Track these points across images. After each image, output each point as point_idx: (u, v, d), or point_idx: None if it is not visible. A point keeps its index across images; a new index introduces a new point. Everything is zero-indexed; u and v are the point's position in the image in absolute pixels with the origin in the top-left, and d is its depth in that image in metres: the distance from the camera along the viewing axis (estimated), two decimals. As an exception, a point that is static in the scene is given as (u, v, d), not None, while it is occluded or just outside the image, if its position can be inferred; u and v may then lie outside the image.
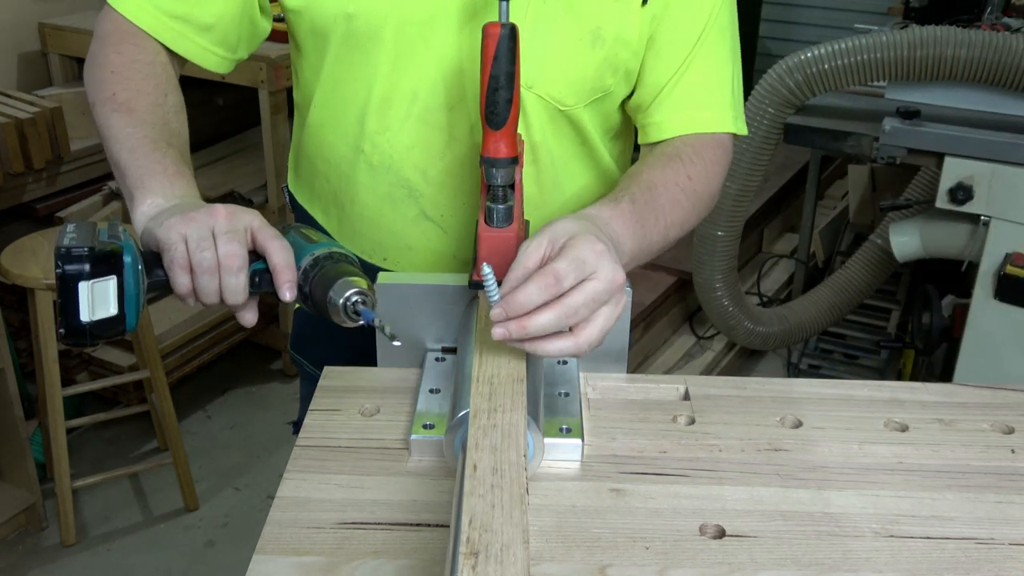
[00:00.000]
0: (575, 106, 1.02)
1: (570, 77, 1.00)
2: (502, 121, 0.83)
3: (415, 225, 1.07)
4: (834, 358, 2.96)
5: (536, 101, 1.00)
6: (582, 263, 0.78)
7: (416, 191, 1.05)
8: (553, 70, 0.99)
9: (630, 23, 0.99)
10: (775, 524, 0.77)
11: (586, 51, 0.99)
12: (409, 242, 1.08)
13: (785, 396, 0.94)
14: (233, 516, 2.35)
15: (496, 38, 0.81)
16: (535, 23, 0.97)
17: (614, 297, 0.80)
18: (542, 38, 0.97)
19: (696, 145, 1.03)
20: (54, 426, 2.10)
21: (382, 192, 1.06)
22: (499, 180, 0.85)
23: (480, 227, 0.87)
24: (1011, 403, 0.94)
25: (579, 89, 1.01)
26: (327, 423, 0.88)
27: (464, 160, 1.03)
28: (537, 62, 0.98)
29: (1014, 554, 0.74)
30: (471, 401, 0.76)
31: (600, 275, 0.79)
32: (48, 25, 2.74)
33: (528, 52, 0.95)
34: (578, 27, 0.98)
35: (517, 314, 0.77)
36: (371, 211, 1.08)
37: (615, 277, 0.79)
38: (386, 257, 1.11)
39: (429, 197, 1.05)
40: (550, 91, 1.00)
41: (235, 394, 2.83)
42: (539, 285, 0.77)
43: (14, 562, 2.18)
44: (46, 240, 2.15)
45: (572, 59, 0.99)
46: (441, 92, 1.00)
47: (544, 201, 1.07)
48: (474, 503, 0.63)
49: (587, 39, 0.98)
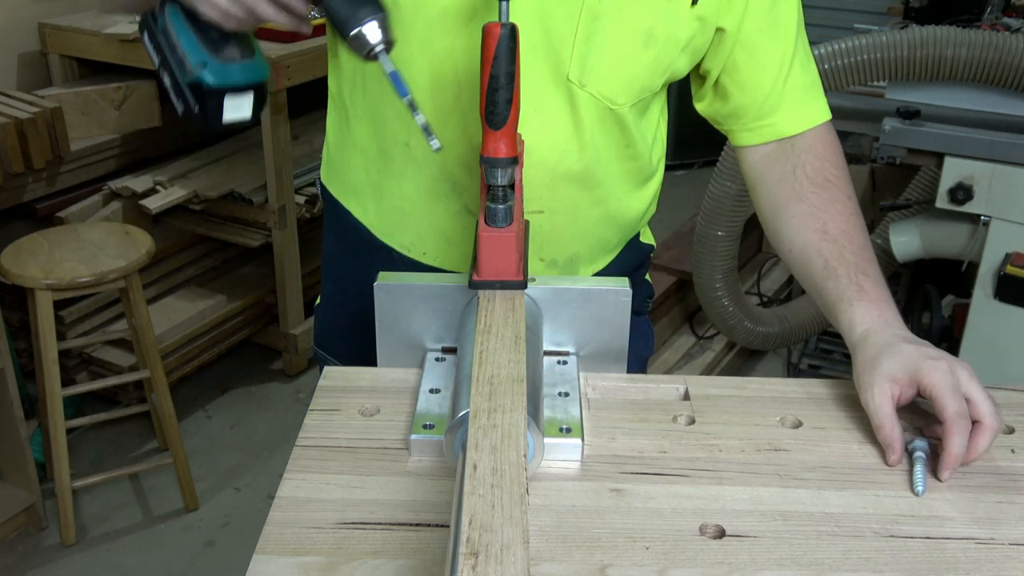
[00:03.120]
0: (623, 106, 1.02)
1: (623, 77, 1.00)
2: (502, 121, 0.83)
3: (457, 220, 1.07)
4: (834, 358, 2.96)
5: (588, 100, 1.00)
6: (951, 384, 0.84)
7: (460, 185, 1.05)
8: (606, 69, 0.99)
9: (680, 23, 0.99)
10: (775, 524, 0.77)
11: (639, 51, 0.99)
12: (451, 236, 1.08)
13: (785, 396, 0.94)
14: (233, 516, 2.35)
15: (496, 38, 0.81)
16: (590, 23, 0.96)
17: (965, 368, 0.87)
18: (597, 37, 0.97)
19: (820, 149, 1.06)
20: (54, 426, 2.10)
21: (425, 186, 1.06)
22: (499, 180, 0.85)
23: (480, 227, 0.87)
24: (1011, 403, 0.94)
25: (629, 89, 1.01)
26: (327, 423, 0.88)
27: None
28: (591, 61, 0.98)
29: (1014, 554, 0.74)
30: (471, 401, 0.75)
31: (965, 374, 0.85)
32: (48, 25, 2.74)
33: (583, 51, 0.97)
34: (632, 27, 0.97)
35: (960, 464, 0.83)
36: (413, 205, 1.08)
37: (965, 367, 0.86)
38: (426, 251, 1.10)
39: (472, 191, 1.05)
40: (602, 90, 1.00)
41: (235, 394, 2.83)
42: (962, 436, 0.82)
43: (14, 562, 2.18)
44: (46, 240, 2.16)
45: (625, 59, 0.99)
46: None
47: (587, 200, 1.07)
48: (474, 503, 0.63)
49: (640, 39, 0.98)
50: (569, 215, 1.08)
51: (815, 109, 1.08)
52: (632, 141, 1.07)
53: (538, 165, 1.02)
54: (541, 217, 1.06)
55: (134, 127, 2.73)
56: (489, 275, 0.87)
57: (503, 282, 0.87)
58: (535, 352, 0.88)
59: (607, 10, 0.96)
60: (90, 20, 2.76)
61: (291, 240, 2.75)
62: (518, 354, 0.81)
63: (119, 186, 2.61)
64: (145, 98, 2.73)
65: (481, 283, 0.87)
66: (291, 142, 2.71)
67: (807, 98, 1.08)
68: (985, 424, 0.83)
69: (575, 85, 0.99)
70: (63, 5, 2.82)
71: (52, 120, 2.39)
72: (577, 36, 0.96)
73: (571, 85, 0.99)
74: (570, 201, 1.06)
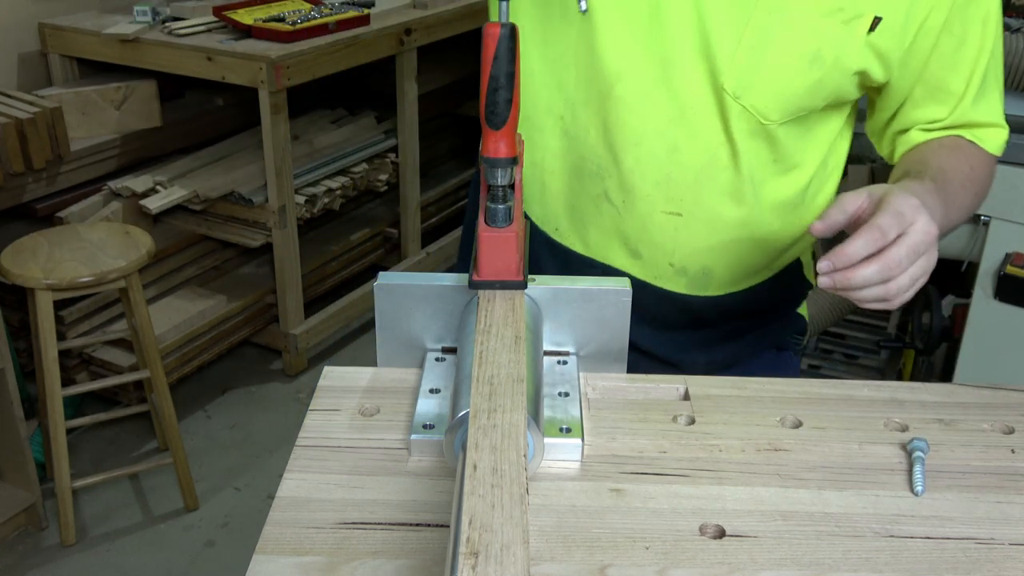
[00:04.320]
0: (776, 122, 1.00)
1: (780, 94, 0.98)
2: (502, 121, 0.83)
3: (594, 203, 1.07)
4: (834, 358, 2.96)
5: (741, 112, 0.99)
6: (901, 216, 0.83)
7: (605, 170, 1.05)
8: (764, 84, 0.97)
9: (851, 49, 0.96)
10: (775, 524, 0.77)
11: (802, 71, 0.97)
12: (585, 218, 1.09)
13: (785, 396, 0.94)
14: (233, 516, 2.35)
15: (496, 38, 0.81)
16: (756, 35, 0.95)
17: (929, 250, 0.84)
18: (760, 51, 0.96)
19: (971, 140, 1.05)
20: (54, 426, 2.10)
21: (571, 161, 1.07)
22: (499, 180, 0.85)
23: (480, 227, 0.87)
24: (1011, 403, 0.94)
25: (785, 107, 0.99)
26: (327, 423, 0.88)
27: (658, 153, 1.02)
28: (750, 74, 0.97)
29: (1014, 554, 0.74)
30: (471, 401, 0.75)
31: (917, 227, 0.83)
32: (48, 25, 2.74)
33: (742, 63, 0.96)
34: (798, 46, 0.96)
35: (844, 266, 0.82)
36: (555, 179, 1.09)
37: (930, 229, 0.83)
38: (558, 228, 1.11)
39: (616, 180, 1.04)
40: (756, 104, 0.98)
41: (235, 394, 2.83)
42: (865, 239, 0.81)
43: (14, 562, 2.18)
44: (46, 240, 2.16)
45: (785, 77, 0.97)
46: (649, 78, 0.99)
47: (731, 214, 1.06)
48: (474, 503, 0.63)
49: (805, 59, 0.96)
50: (708, 225, 1.06)
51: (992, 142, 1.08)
52: (784, 160, 1.04)
53: (685, 166, 1.02)
54: (678, 220, 1.05)
55: (134, 127, 2.73)
56: (489, 275, 0.87)
57: (503, 282, 0.87)
58: (535, 352, 0.88)
59: (776, 27, 0.95)
60: (90, 20, 2.76)
61: (291, 240, 2.75)
62: (518, 354, 0.81)
63: (119, 186, 2.61)
64: (145, 98, 2.73)
65: (481, 283, 0.87)
66: (291, 142, 2.71)
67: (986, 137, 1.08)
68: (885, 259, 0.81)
69: (729, 95, 0.98)
70: (63, 5, 2.82)
71: (52, 120, 2.39)
72: (740, 48, 0.96)
73: (724, 94, 0.98)
74: (712, 210, 1.04)
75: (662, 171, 1.03)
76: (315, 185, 2.87)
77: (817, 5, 0.95)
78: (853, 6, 0.95)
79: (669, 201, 1.04)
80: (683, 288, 1.10)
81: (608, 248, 1.09)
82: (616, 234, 1.08)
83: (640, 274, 1.09)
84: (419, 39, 3.03)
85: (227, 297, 2.81)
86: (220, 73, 2.56)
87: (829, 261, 0.82)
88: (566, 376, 0.92)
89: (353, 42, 2.77)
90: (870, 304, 0.85)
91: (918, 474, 0.82)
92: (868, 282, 0.82)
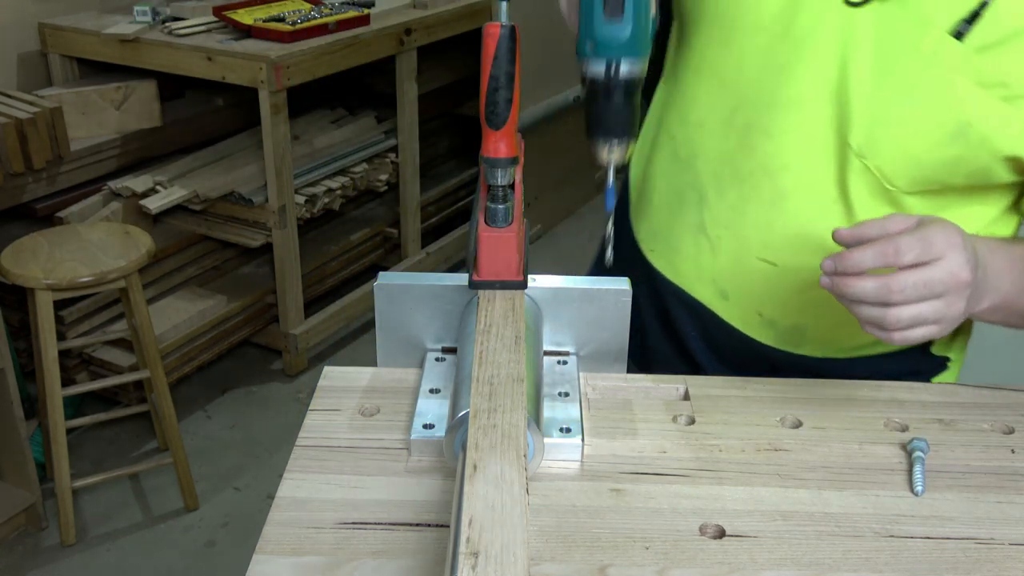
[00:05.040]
0: (900, 190, 0.90)
1: (910, 161, 0.87)
2: (502, 121, 0.83)
3: (689, 233, 1.01)
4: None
5: (863, 171, 0.89)
6: (928, 244, 0.75)
7: (706, 201, 0.98)
8: (893, 147, 0.87)
9: (1006, 131, 0.84)
10: (775, 524, 0.77)
11: (941, 142, 0.85)
12: (678, 246, 1.03)
13: (785, 396, 0.94)
14: (233, 516, 2.35)
15: (496, 38, 0.81)
16: (896, 90, 0.85)
17: (949, 295, 0.76)
18: (896, 109, 0.86)
19: None
20: (54, 426, 2.10)
21: (675, 185, 1.02)
22: (499, 180, 0.85)
23: (480, 227, 0.87)
24: (1011, 403, 0.94)
25: (914, 176, 0.89)
26: (327, 423, 0.88)
27: (763, 194, 0.94)
28: (879, 132, 0.87)
29: (1014, 554, 0.74)
30: (471, 401, 0.75)
31: (943, 264, 0.75)
32: (48, 25, 2.74)
33: (874, 118, 0.87)
34: (942, 116, 0.84)
35: (845, 271, 0.76)
36: (658, 197, 1.05)
37: (959, 272, 0.75)
38: (653, 249, 1.06)
39: (714, 215, 0.98)
40: (881, 166, 0.88)
41: (235, 394, 2.83)
42: (876, 251, 0.75)
43: (14, 562, 2.18)
44: (46, 240, 2.16)
45: (919, 144, 0.86)
46: (765, 115, 0.92)
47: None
48: (474, 503, 0.63)
49: (948, 131, 0.84)
50: (805, 281, 0.95)
51: None
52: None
53: (789, 215, 0.94)
54: (770, 270, 0.97)
55: (134, 127, 2.73)
56: (489, 275, 0.87)
57: (503, 282, 0.87)
58: (535, 352, 0.88)
59: (921, 86, 0.84)
60: (90, 20, 2.76)
61: (291, 240, 2.75)
62: (518, 354, 0.81)
63: (119, 186, 2.61)
64: (145, 98, 2.73)
65: (481, 283, 0.87)
66: (291, 142, 2.71)
67: None
68: (888, 280, 0.75)
69: (852, 150, 0.89)
70: (63, 5, 2.82)
71: (52, 120, 2.39)
72: (875, 101, 0.86)
73: (848, 149, 0.89)
74: (811, 267, 0.88)
75: (763, 216, 0.95)
76: (315, 185, 2.87)
77: (976, 72, 0.83)
78: (1022, 83, 0.83)
79: (766, 248, 0.96)
80: (771, 341, 1.02)
81: (697, 282, 1.03)
82: (707, 270, 1.01)
83: (727, 316, 1.02)
84: (419, 39, 3.03)
85: (227, 297, 2.81)
86: (220, 73, 2.56)
87: (833, 261, 0.78)
88: (566, 376, 0.92)
89: (353, 42, 2.77)
90: (866, 327, 0.78)
91: (918, 474, 0.82)
92: (864, 298, 0.76)
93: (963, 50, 0.83)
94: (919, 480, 0.81)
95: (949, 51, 0.83)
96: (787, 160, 0.93)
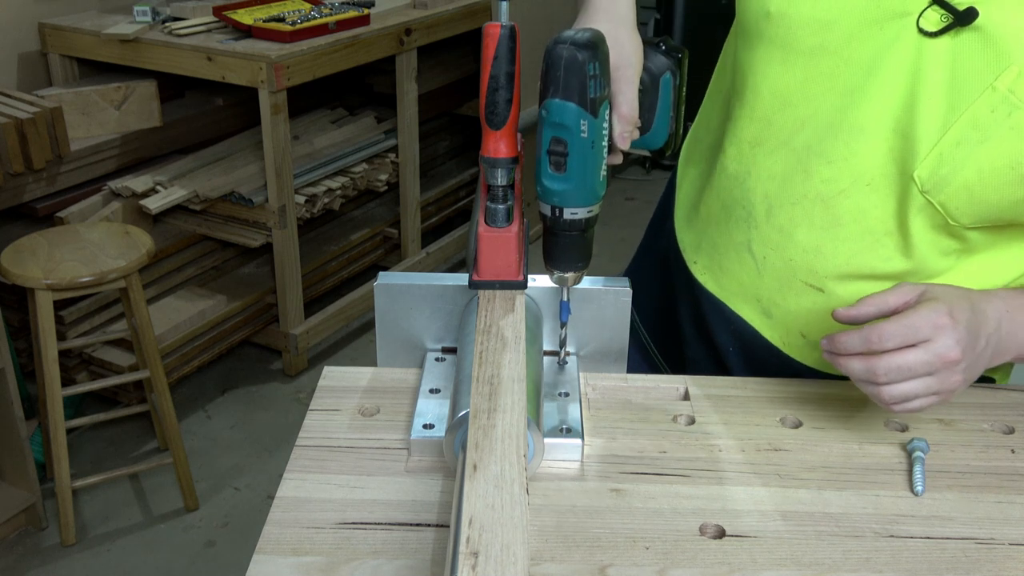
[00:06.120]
0: (963, 226, 0.88)
1: (975, 199, 0.85)
2: (502, 121, 0.83)
3: (735, 250, 1.00)
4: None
5: (924, 206, 0.87)
6: (914, 330, 0.78)
7: (755, 220, 0.97)
8: (960, 186, 0.84)
9: None
10: (775, 524, 0.77)
11: (1012, 184, 0.82)
12: (723, 263, 1.02)
13: (785, 396, 0.94)
14: (233, 516, 2.35)
15: (496, 38, 0.81)
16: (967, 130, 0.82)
17: (940, 373, 0.79)
18: (966, 149, 0.83)
19: None
20: (54, 426, 2.10)
21: (724, 201, 1.00)
22: (499, 180, 0.85)
23: (480, 227, 0.87)
24: (1011, 403, 0.94)
25: (980, 216, 0.86)
26: (327, 423, 0.88)
27: (815, 219, 0.93)
28: (946, 171, 0.84)
29: (1014, 554, 0.75)
30: (471, 401, 0.75)
31: (929, 347, 0.78)
32: (48, 25, 2.74)
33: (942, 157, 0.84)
34: (1015, 158, 0.81)
35: (835, 351, 0.82)
36: (706, 210, 1.04)
37: (945, 353, 0.78)
38: (696, 261, 1.06)
39: (762, 234, 0.97)
40: (946, 204, 0.86)
41: (235, 394, 2.83)
42: (861, 337, 0.79)
43: (14, 562, 2.18)
44: (46, 240, 2.16)
45: (988, 186, 0.83)
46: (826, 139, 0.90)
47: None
48: (474, 503, 0.63)
49: (1018, 171, 0.82)
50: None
51: None
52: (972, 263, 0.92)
53: (841, 242, 0.92)
54: (818, 295, 0.96)
55: (134, 127, 2.73)
56: (489, 275, 0.87)
57: (503, 282, 0.87)
58: (535, 352, 0.88)
59: (994, 127, 0.81)
60: (90, 20, 2.76)
61: (291, 240, 2.75)
62: (518, 354, 0.81)
63: (119, 186, 2.61)
64: (145, 98, 2.73)
65: (481, 283, 0.87)
66: (291, 142, 2.71)
67: None
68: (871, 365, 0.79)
69: (916, 186, 0.86)
70: (63, 5, 2.82)
71: (52, 120, 2.39)
72: (945, 139, 0.83)
73: (912, 184, 0.86)
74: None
75: (813, 240, 0.93)
76: (315, 185, 2.87)
77: None
78: None
79: (812, 274, 0.94)
80: (814, 363, 1.00)
81: (741, 299, 1.02)
82: (751, 288, 1.00)
83: (769, 335, 1.01)
84: (419, 39, 3.03)
85: (227, 297, 2.81)
86: (220, 73, 2.56)
87: (827, 341, 0.82)
88: (566, 376, 0.92)
89: (353, 42, 2.77)
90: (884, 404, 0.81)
91: (918, 474, 0.82)
92: (854, 377, 0.81)
93: None
94: (919, 480, 0.81)
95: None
96: (844, 186, 0.90)
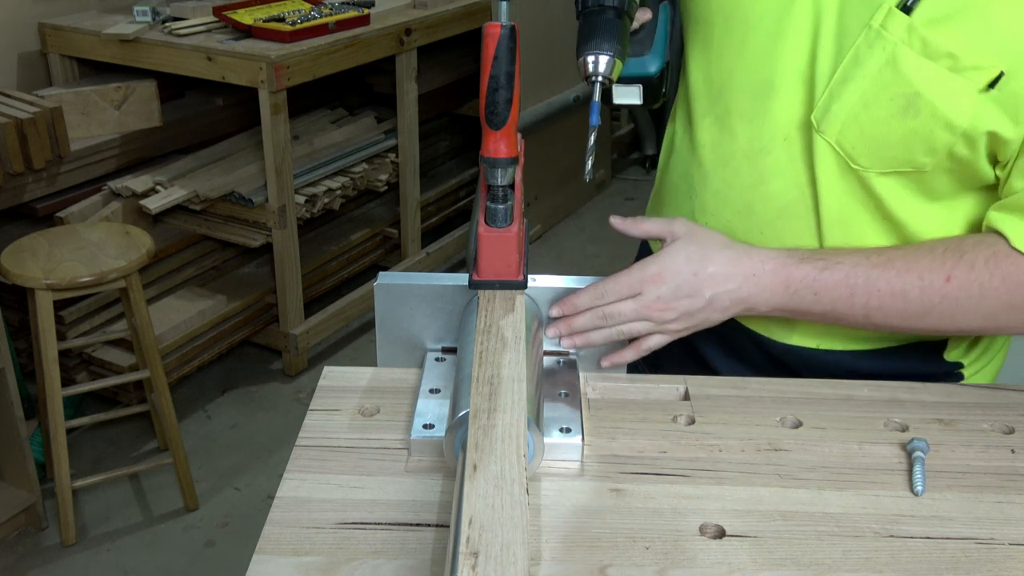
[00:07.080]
0: (869, 169, 0.90)
1: (866, 135, 0.89)
2: (502, 121, 0.83)
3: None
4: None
5: (825, 148, 0.91)
6: (641, 283, 0.91)
7: (694, 189, 1.03)
8: (847, 119, 0.89)
9: (959, 104, 0.84)
10: (775, 524, 0.77)
11: (893, 115, 0.87)
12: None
13: (785, 396, 0.94)
14: (233, 516, 2.35)
15: (496, 38, 0.81)
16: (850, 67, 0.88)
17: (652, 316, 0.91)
18: (850, 84, 0.88)
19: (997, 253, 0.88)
20: (54, 426, 2.10)
21: (673, 178, 1.08)
22: (499, 180, 0.85)
23: (480, 227, 0.87)
24: (1011, 403, 0.94)
25: (875, 153, 0.89)
26: (327, 423, 0.88)
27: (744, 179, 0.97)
28: (835, 108, 0.89)
29: (1014, 554, 0.75)
30: (471, 401, 0.75)
31: (640, 299, 0.91)
32: (48, 25, 2.74)
33: (831, 94, 0.89)
34: (892, 85, 0.86)
35: (566, 313, 0.92)
36: (665, 191, 1.12)
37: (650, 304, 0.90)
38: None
39: (702, 200, 1.02)
40: (841, 142, 0.90)
41: (235, 394, 2.83)
42: (589, 295, 0.91)
43: (14, 562, 2.18)
44: (46, 240, 2.16)
45: (872, 117, 0.88)
46: (744, 100, 0.96)
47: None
48: (474, 503, 0.63)
49: (897, 102, 0.86)
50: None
51: None
52: (890, 213, 0.93)
53: (768, 199, 0.96)
54: None
55: (134, 127, 2.73)
56: (489, 275, 0.87)
57: (503, 282, 0.87)
58: (535, 352, 0.88)
59: (871, 60, 0.86)
60: (90, 20, 2.76)
61: (291, 240, 2.75)
62: (518, 354, 0.81)
63: (119, 186, 2.61)
64: (145, 98, 2.73)
65: (481, 283, 0.87)
66: (291, 142, 2.71)
67: None
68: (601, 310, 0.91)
69: (814, 128, 0.91)
70: (63, 5, 2.82)
71: (52, 120, 2.39)
72: (834, 77, 0.89)
73: (812, 127, 0.91)
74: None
75: (744, 200, 0.98)
76: (315, 185, 2.87)
77: (922, 44, 0.84)
78: (970, 55, 0.83)
79: (748, 233, 0.98)
80: (760, 329, 1.04)
81: None
82: None
83: None
84: (419, 39, 3.03)
85: (227, 297, 2.81)
86: (220, 73, 2.56)
87: (558, 307, 0.92)
88: (566, 376, 0.92)
89: (353, 42, 2.77)
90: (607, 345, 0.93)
91: (918, 474, 0.82)
92: (584, 328, 0.91)
93: (910, 22, 0.84)
94: (919, 480, 0.81)
95: (896, 23, 0.85)
96: (765, 143, 0.96)
